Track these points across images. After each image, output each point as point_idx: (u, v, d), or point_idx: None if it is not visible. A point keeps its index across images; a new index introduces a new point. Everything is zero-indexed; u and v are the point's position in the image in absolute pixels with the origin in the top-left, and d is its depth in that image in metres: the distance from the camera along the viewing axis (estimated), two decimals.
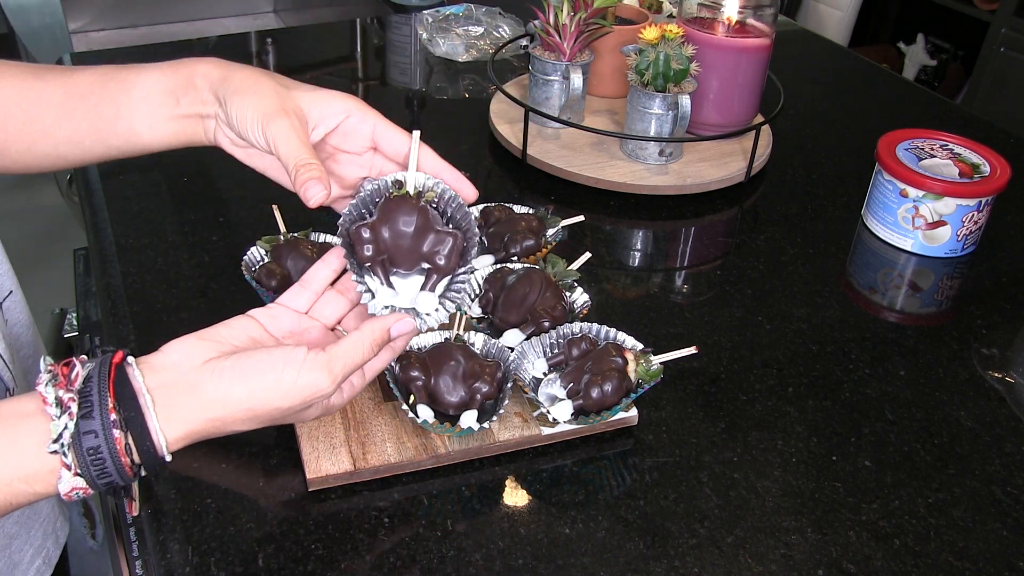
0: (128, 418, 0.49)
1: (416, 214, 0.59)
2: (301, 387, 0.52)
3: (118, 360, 0.50)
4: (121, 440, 0.48)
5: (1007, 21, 2.48)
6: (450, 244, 0.58)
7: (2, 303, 0.72)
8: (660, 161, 1.01)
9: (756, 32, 1.00)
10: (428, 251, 0.59)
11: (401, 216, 0.58)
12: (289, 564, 0.56)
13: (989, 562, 0.60)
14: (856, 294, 0.87)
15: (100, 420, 0.48)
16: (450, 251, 0.58)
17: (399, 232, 0.59)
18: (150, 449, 0.49)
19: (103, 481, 0.49)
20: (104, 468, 0.48)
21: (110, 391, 0.49)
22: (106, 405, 0.48)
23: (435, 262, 0.58)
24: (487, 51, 1.31)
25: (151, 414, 0.49)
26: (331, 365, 0.52)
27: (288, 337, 0.58)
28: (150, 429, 0.49)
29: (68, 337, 1.17)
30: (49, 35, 1.78)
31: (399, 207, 0.59)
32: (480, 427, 0.62)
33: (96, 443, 0.47)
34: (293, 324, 0.59)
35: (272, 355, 0.52)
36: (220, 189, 0.96)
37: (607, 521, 0.61)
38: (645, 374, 0.65)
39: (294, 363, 0.52)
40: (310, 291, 0.61)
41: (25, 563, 0.69)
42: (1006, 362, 0.78)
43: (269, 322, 0.58)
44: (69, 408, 0.48)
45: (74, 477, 0.48)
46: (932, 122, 1.16)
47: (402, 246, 0.59)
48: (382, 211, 0.59)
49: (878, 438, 0.69)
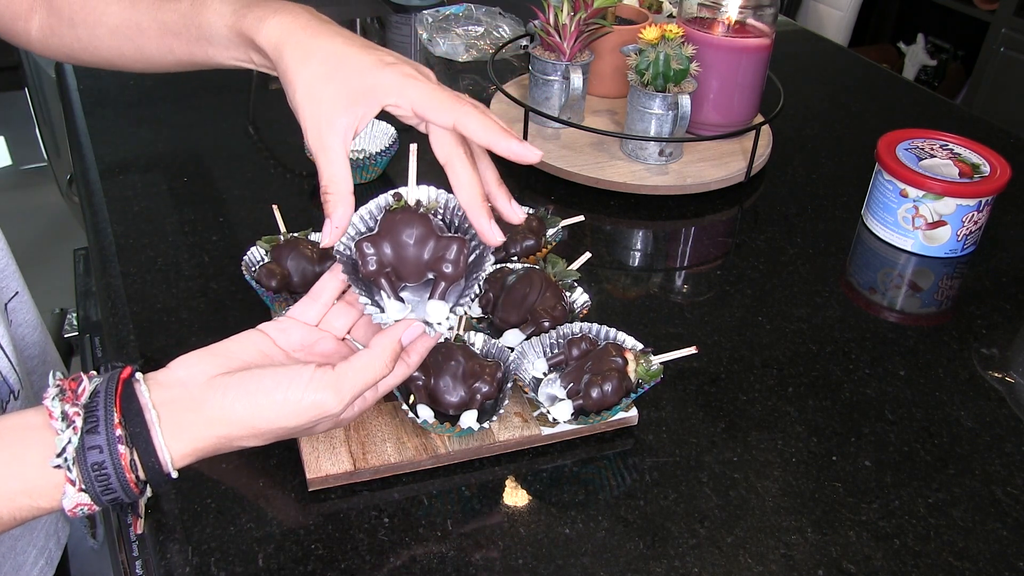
0: (133, 434, 0.48)
1: (417, 223, 0.57)
2: (307, 406, 0.51)
3: (126, 376, 0.50)
4: (126, 456, 0.48)
5: (1007, 21, 2.48)
6: (455, 250, 0.57)
7: (7, 304, 0.72)
8: (660, 161, 1.01)
9: (756, 32, 1.00)
10: (433, 259, 0.57)
11: (402, 227, 0.57)
12: (289, 564, 0.56)
13: (989, 562, 0.60)
14: (856, 294, 0.87)
15: (105, 435, 0.47)
16: (456, 257, 0.57)
17: (401, 243, 0.57)
18: (155, 465, 0.49)
19: (108, 497, 0.48)
20: (109, 484, 0.48)
21: (116, 406, 0.48)
22: (112, 420, 0.48)
23: (441, 269, 0.57)
24: (487, 51, 1.31)
25: (156, 430, 0.49)
26: (339, 384, 0.51)
27: (299, 350, 0.57)
28: (155, 445, 0.48)
29: (68, 337, 1.17)
30: None
31: (400, 219, 0.57)
32: (480, 427, 0.62)
33: (101, 458, 0.47)
34: (304, 337, 0.58)
35: (277, 374, 0.51)
36: (220, 189, 0.96)
37: (607, 521, 0.61)
38: (645, 374, 0.65)
39: (300, 382, 0.51)
40: (320, 303, 0.59)
41: (29, 564, 0.69)
42: (1006, 362, 0.78)
43: (279, 336, 0.57)
44: (74, 422, 0.47)
45: (78, 493, 0.47)
46: (932, 122, 1.16)
47: (406, 257, 0.57)
48: (382, 224, 0.57)
49: (878, 438, 0.69)
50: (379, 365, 0.53)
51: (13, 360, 0.67)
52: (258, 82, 1.21)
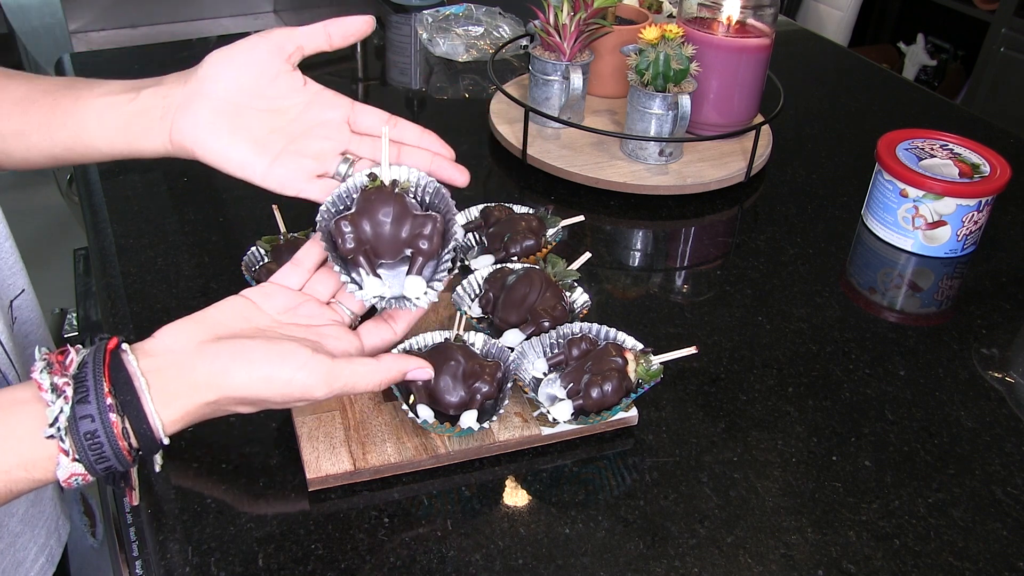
0: (124, 402, 0.49)
1: (393, 202, 0.59)
2: (295, 387, 0.52)
3: (112, 346, 0.50)
4: (118, 424, 0.48)
5: (1007, 21, 2.48)
6: (430, 227, 0.59)
7: (13, 301, 0.72)
8: (660, 161, 1.01)
9: (756, 32, 1.00)
10: (409, 237, 0.60)
11: (379, 206, 0.59)
12: (289, 564, 0.56)
13: (989, 562, 0.60)
14: (856, 294, 0.87)
15: (96, 404, 0.48)
16: (431, 233, 0.59)
17: (378, 221, 0.59)
18: (147, 432, 0.49)
19: (101, 466, 0.49)
20: (102, 452, 0.48)
21: (105, 376, 0.49)
22: (102, 389, 0.48)
23: (418, 246, 0.59)
24: (487, 51, 1.31)
25: (146, 397, 0.49)
26: (330, 377, 0.53)
27: (283, 313, 0.58)
28: (146, 412, 0.49)
29: (68, 337, 1.17)
30: (49, 35, 1.78)
31: (376, 198, 0.59)
32: (480, 427, 0.62)
33: (93, 427, 0.48)
34: (287, 301, 0.59)
35: (271, 349, 0.52)
36: (220, 189, 0.96)
37: (607, 521, 0.61)
38: (645, 374, 0.65)
39: (293, 362, 0.52)
40: (302, 269, 0.61)
41: (29, 561, 0.69)
42: (1006, 362, 0.78)
43: (263, 300, 0.58)
44: (64, 392, 0.48)
45: (72, 463, 0.48)
46: (932, 122, 1.16)
47: (383, 235, 0.60)
48: (359, 203, 0.60)
49: (878, 438, 0.69)
50: (374, 380, 0.55)
51: (12, 357, 0.67)
52: None
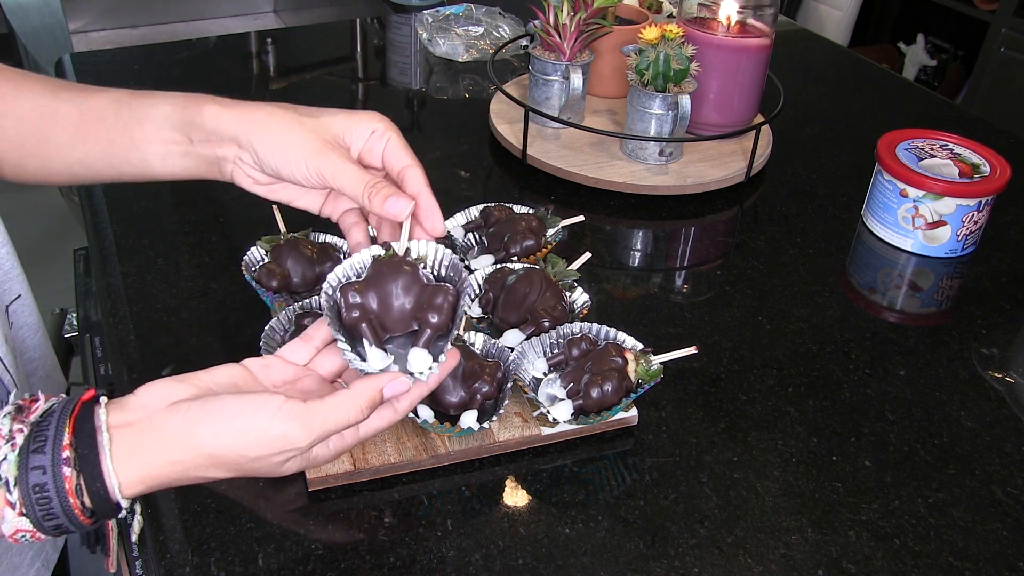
0: (82, 456, 0.45)
1: (404, 273, 0.56)
2: (272, 437, 0.48)
3: (87, 398, 0.48)
4: (71, 479, 0.45)
5: (1007, 21, 2.48)
6: (441, 298, 0.55)
7: (9, 306, 0.72)
8: (660, 161, 1.01)
9: (756, 32, 1.00)
10: (419, 309, 0.55)
11: (390, 276, 0.56)
12: (289, 564, 0.56)
13: (989, 562, 0.60)
14: (856, 294, 0.87)
15: (51, 455, 0.45)
16: (442, 304, 0.55)
17: (388, 292, 0.56)
18: (100, 491, 0.46)
19: (50, 523, 0.45)
20: (50, 509, 0.45)
21: (69, 427, 0.46)
22: (61, 441, 0.45)
23: (426, 318, 0.55)
24: (487, 51, 1.31)
25: (106, 453, 0.46)
26: (308, 419, 0.49)
27: (279, 386, 0.55)
28: (103, 469, 0.45)
29: (68, 337, 1.17)
30: (49, 35, 1.78)
31: (387, 268, 0.56)
32: (480, 427, 0.62)
33: (43, 480, 0.44)
34: (286, 374, 0.55)
35: (243, 400, 0.49)
36: (220, 189, 0.96)
37: (607, 521, 0.61)
38: (645, 374, 0.65)
39: (267, 411, 0.48)
40: (311, 345, 0.57)
41: (25, 566, 0.69)
42: (1006, 362, 0.78)
43: (260, 371, 0.54)
44: (14, 439, 0.45)
45: (18, 517, 0.44)
46: (932, 122, 1.16)
47: (391, 306, 0.56)
48: (370, 272, 0.56)
49: (878, 438, 0.69)
50: (353, 409, 0.51)
51: (8, 362, 0.66)
52: (258, 82, 1.21)
